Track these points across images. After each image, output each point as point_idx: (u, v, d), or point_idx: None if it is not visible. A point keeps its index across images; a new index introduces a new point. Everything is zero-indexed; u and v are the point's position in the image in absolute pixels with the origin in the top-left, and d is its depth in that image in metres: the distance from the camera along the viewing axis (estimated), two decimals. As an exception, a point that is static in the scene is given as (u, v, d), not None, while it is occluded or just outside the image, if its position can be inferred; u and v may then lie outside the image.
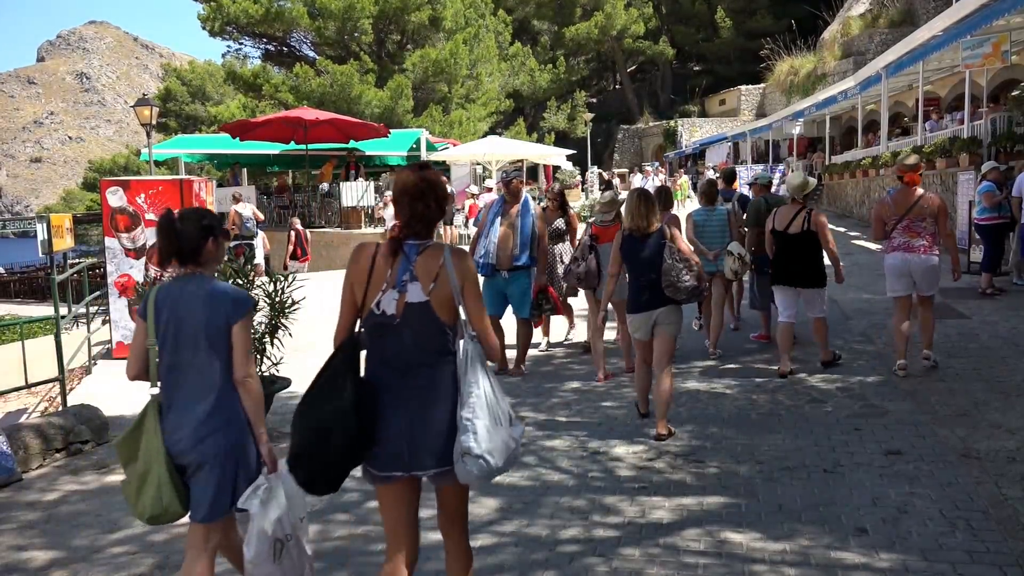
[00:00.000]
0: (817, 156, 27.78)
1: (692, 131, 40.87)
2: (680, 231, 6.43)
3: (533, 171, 30.85)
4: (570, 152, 27.07)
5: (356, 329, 2.75)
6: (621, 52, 46.47)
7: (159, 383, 3.09)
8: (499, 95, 37.11)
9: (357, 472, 4.88)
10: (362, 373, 2.72)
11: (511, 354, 7.45)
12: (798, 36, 35.57)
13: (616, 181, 26.43)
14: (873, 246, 14.36)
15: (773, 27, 39.13)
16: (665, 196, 7.25)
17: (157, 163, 22.33)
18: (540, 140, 37.71)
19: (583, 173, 34.05)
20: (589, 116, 36.51)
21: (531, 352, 7.91)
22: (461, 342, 2.67)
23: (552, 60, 43.88)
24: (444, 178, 3.99)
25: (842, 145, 27.97)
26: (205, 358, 2.96)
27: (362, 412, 2.63)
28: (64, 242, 7.18)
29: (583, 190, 34.14)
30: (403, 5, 31.12)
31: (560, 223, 7.94)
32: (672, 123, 42.21)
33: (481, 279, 6.64)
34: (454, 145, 24.65)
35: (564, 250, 7.90)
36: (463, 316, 2.70)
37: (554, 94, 43.60)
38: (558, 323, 8.79)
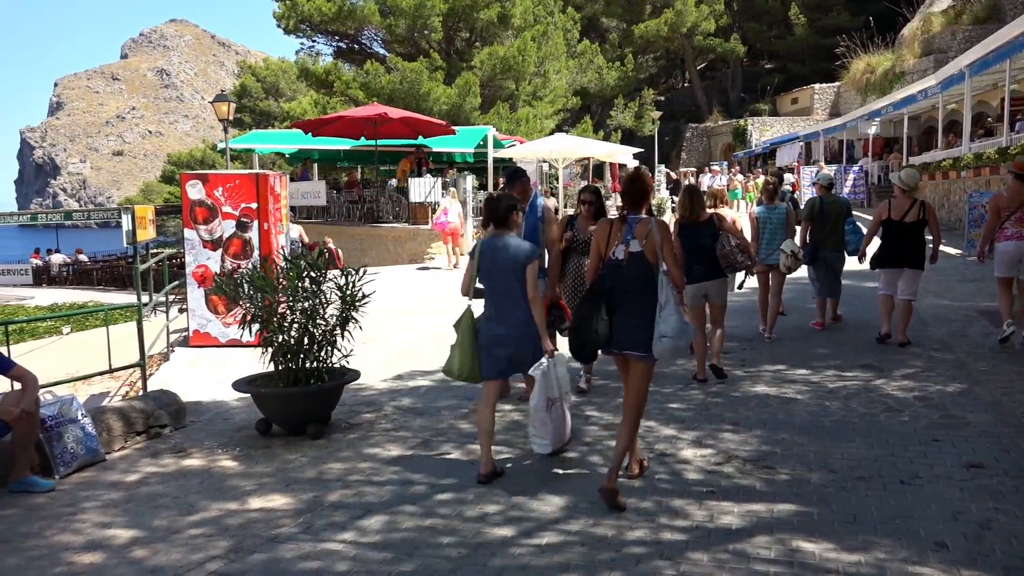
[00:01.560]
0: (893, 157, 26.93)
1: (762, 130, 40.07)
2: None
3: (599, 169, 30.68)
4: (637, 150, 26.83)
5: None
6: (691, 49, 45.81)
7: (481, 299, 4.90)
8: (566, 92, 36.99)
9: (426, 466, 4.94)
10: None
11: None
12: (875, 33, 34.51)
13: (687, 181, 26.09)
14: (953, 250, 13.85)
15: (849, 24, 38.05)
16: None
17: (232, 157, 22.91)
18: (607, 138, 37.47)
19: (650, 172, 33.71)
20: (657, 114, 36.03)
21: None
22: (661, 274, 4.33)
23: (620, 58, 43.53)
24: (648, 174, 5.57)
25: (920, 146, 27.07)
26: (511, 284, 4.74)
27: (607, 315, 4.35)
28: (147, 233, 7.44)
29: (649, 189, 33.78)
30: (472, 3, 31.27)
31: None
32: (742, 122, 41.43)
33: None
34: (521, 142, 24.68)
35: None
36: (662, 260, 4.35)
37: (621, 92, 43.24)
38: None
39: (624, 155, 26.60)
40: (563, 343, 5.17)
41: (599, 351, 4.51)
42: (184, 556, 3.90)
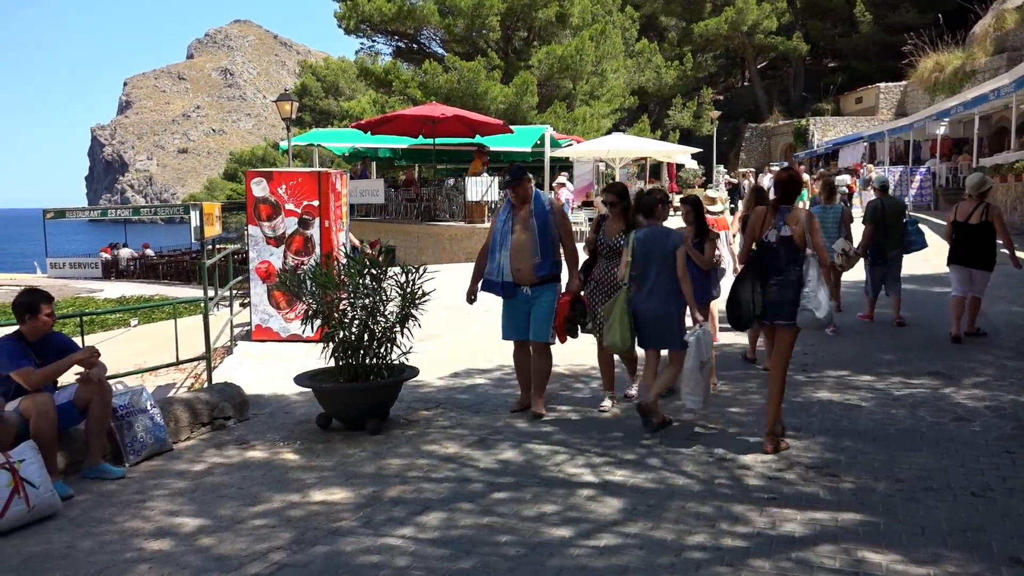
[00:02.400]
0: (963, 158, 26.09)
1: (825, 130, 39.24)
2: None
3: (656, 169, 30.42)
4: (695, 150, 26.54)
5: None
6: (751, 48, 45.10)
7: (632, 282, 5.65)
8: (624, 92, 36.77)
9: (483, 464, 4.96)
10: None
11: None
12: (945, 31, 33.49)
13: (746, 182, 25.66)
14: (1026, 256, 13.37)
15: (917, 21, 37.00)
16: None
17: (293, 155, 23.35)
18: (664, 138, 37.11)
19: (708, 172, 33.32)
20: (716, 114, 35.61)
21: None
22: (809, 256, 5.02)
23: (679, 56, 43.07)
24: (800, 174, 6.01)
25: (991, 147, 26.17)
26: (662, 266, 5.52)
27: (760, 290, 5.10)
28: (214, 229, 7.64)
29: (706, 189, 33.40)
30: (531, 2, 31.31)
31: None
32: (803, 121, 40.64)
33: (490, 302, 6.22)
34: (577, 142, 24.62)
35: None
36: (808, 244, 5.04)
37: (680, 91, 42.80)
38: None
39: (682, 155, 26.34)
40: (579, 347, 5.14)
41: (749, 325, 5.53)
42: (249, 546, 3.99)
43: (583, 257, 6.24)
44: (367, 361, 5.96)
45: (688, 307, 5.61)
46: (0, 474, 4.35)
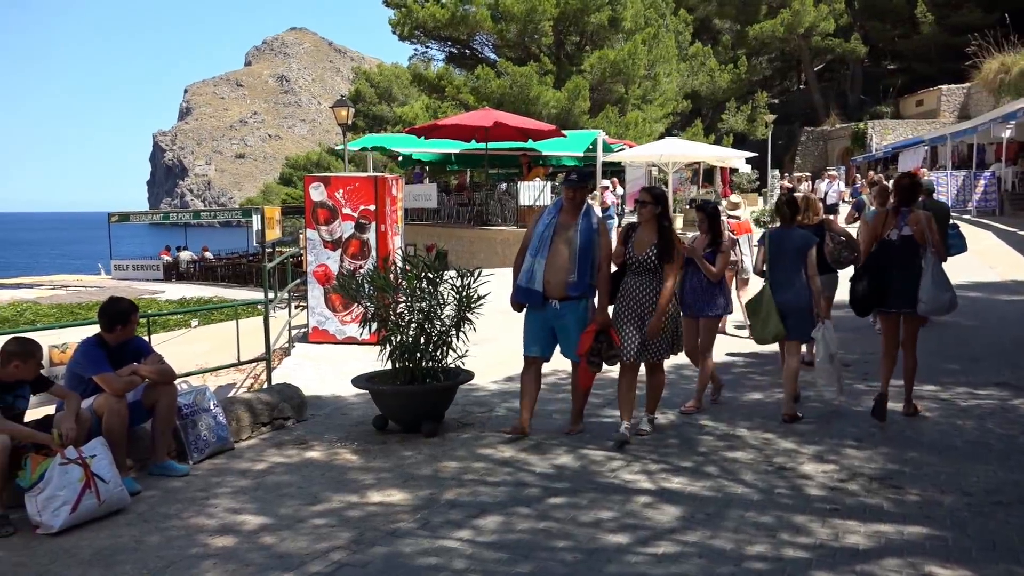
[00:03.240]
0: (1030, 162, 25.27)
1: (884, 133, 38.36)
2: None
3: (709, 173, 30.09)
4: (750, 155, 26.18)
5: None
6: (808, 50, 44.36)
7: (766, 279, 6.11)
8: (676, 96, 36.48)
9: (539, 468, 4.97)
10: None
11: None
12: (1011, 31, 32.47)
13: (804, 186, 25.25)
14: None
15: (981, 21, 35.92)
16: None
17: (344, 159, 23.67)
18: (718, 142, 36.68)
19: (762, 176, 32.85)
20: (770, 117, 35.03)
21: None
22: (928, 253, 5.63)
23: (733, 60, 42.57)
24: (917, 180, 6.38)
25: (1061, 150, 25.27)
26: (796, 264, 5.94)
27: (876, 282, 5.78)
28: (274, 232, 7.81)
29: (760, 194, 32.91)
30: (583, 7, 31.28)
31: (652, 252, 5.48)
32: (862, 125, 39.80)
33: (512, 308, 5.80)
34: (630, 146, 24.50)
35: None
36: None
37: (734, 95, 42.29)
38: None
39: (736, 159, 26.01)
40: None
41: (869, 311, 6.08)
42: (309, 544, 4.06)
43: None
44: (423, 364, 6.02)
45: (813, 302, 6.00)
46: (73, 469, 4.49)
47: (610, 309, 5.58)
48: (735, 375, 7.55)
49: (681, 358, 6.30)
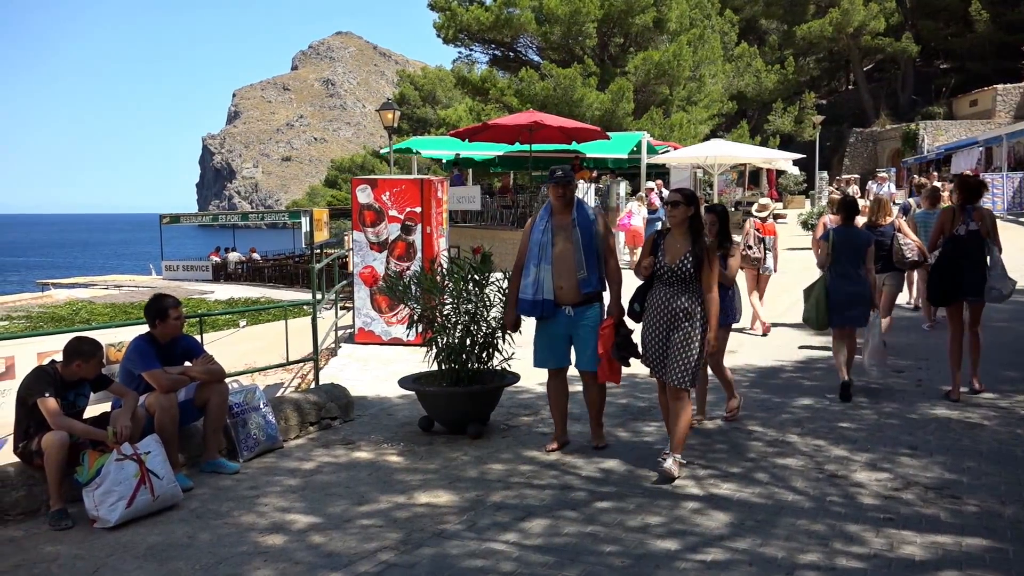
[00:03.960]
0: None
1: (936, 135, 37.47)
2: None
3: (755, 175, 29.72)
4: (797, 156, 25.77)
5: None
6: (857, 50, 43.55)
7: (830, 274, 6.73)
8: (722, 97, 36.09)
9: (585, 472, 4.94)
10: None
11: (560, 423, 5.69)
12: (1072, 28, 31.51)
13: (853, 189, 24.77)
14: None
15: (1040, 19, 34.98)
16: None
17: (390, 162, 23.86)
18: (764, 143, 36.17)
19: (809, 179, 32.33)
20: (818, 119, 34.44)
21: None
22: (991, 246, 6.31)
23: (780, 60, 41.98)
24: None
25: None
26: (857, 260, 6.60)
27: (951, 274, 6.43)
28: (322, 234, 7.89)
29: (807, 196, 32.39)
30: (628, 8, 31.12)
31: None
32: (913, 126, 38.92)
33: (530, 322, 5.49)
34: (674, 148, 24.29)
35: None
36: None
37: (780, 96, 41.70)
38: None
39: (783, 161, 25.64)
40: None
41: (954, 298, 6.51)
42: (358, 544, 4.09)
43: (631, 282, 5.19)
44: (469, 366, 6.03)
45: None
46: (129, 465, 4.59)
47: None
48: (783, 380, 7.44)
49: None
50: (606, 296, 5.40)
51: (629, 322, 5.25)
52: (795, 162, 27.53)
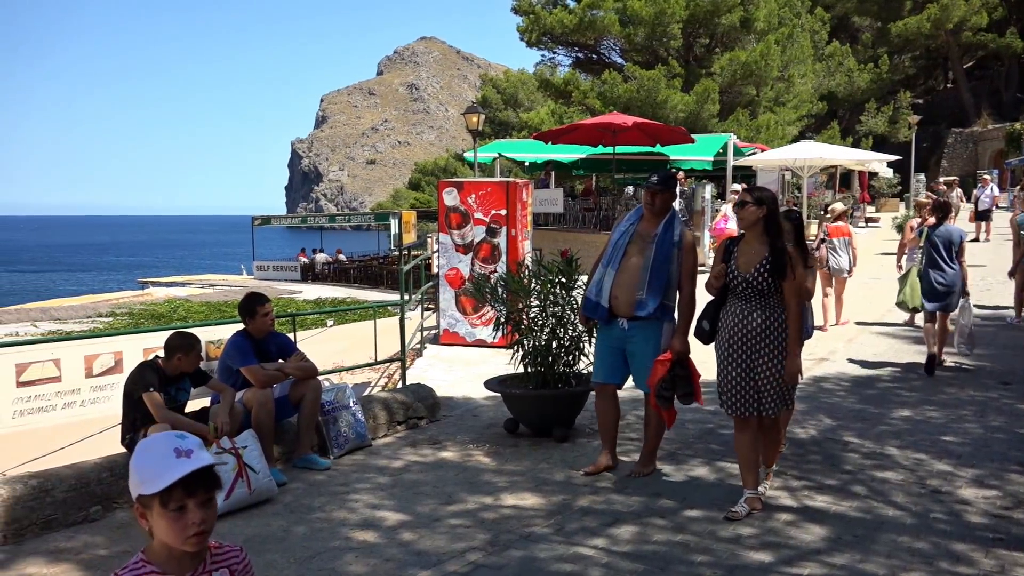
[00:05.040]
0: None
1: (1043, 134, 35.53)
2: None
3: (846, 178, 28.79)
4: (892, 158, 24.85)
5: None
6: (957, 47, 41.70)
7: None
8: (812, 97, 35.09)
9: (674, 479, 4.87)
10: None
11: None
12: None
13: (957, 192, 23.72)
14: None
15: None
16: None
17: (474, 165, 24.07)
18: (856, 145, 35.00)
19: (904, 181, 31.13)
20: (914, 119, 33.12)
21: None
22: None
23: (873, 59, 40.54)
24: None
25: None
26: (950, 252, 7.51)
27: None
28: (410, 236, 8.00)
29: (902, 199, 31.17)
30: (714, 8, 30.60)
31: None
32: (1018, 125, 36.98)
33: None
34: (762, 150, 23.74)
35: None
36: None
37: (873, 95, 40.26)
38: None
39: (877, 163, 24.76)
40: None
41: None
42: (447, 544, 4.12)
43: (703, 297, 4.67)
44: (556, 369, 6.01)
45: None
46: (227, 458, 4.75)
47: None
48: (880, 390, 7.17)
49: None
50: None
51: (695, 344, 4.67)
52: (889, 164, 26.55)
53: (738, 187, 19.59)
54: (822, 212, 24.22)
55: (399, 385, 7.69)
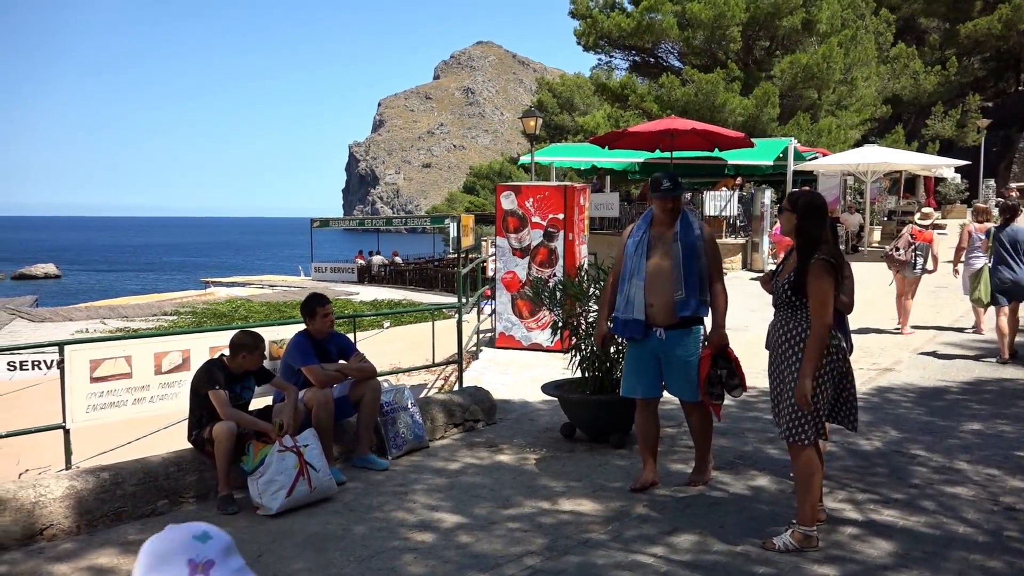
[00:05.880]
0: None
1: (1123, 139, 34.10)
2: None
3: (911, 183, 28.05)
4: (961, 163, 24.10)
5: None
6: (1030, 48, 40.28)
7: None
8: (875, 101, 34.26)
9: (733, 488, 4.78)
10: None
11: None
12: None
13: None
14: None
15: None
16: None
17: (527, 169, 24.09)
18: (921, 149, 34.05)
19: (972, 187, 30.19)
20: (984, 122, 32.07)
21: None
22: None
23: (941, 61, 39.37)
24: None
25: None
26: (1017, 254, 8.15)
27: None
28: (468, 239, 8.04)
29: (969, 205, 30.19)
30: (775, 10, 30.08)
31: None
32: (1094, 130, 35.59)
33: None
34: (824, 154, 23.27)
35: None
36: None
37: (941, 98, 39.08)
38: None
39: (944, 168, 24.05)
40: None
41: None
42: (504, 547, 4.12)
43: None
44: (614, 375, 5.98)
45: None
46: (289, 456, 4.83)
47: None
48: (948, 402, 6.95)
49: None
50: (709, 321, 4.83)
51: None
52: (957, 169, 25.76)
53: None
54: (884, 218, 23.69)
55: (455, 387, 7.73)
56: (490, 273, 13.28)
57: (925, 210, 10.75)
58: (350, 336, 6.52)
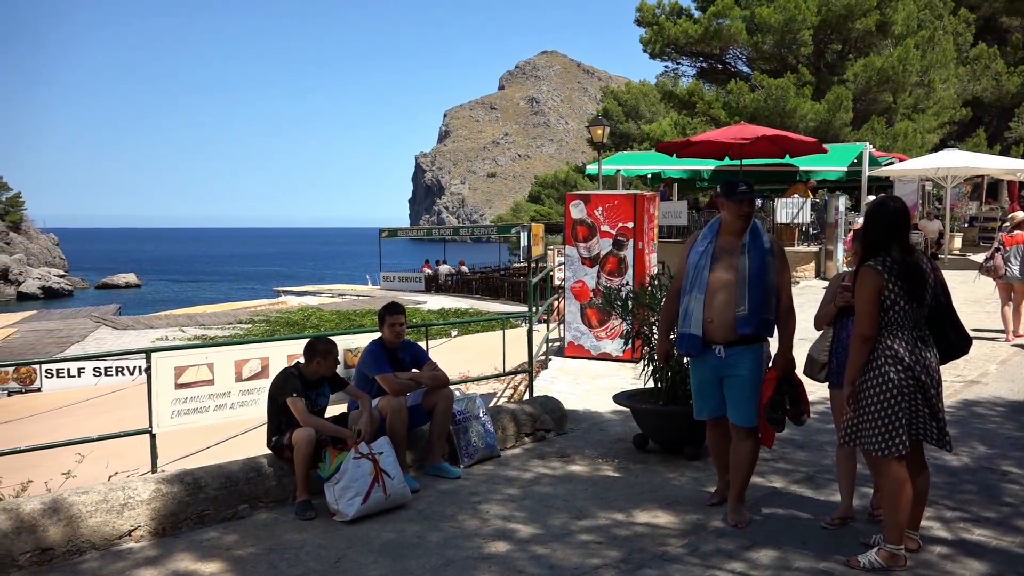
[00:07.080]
0: None
1: None
2: None
3: (993, 188, 27.00)
4: (1047, 167, 23.06)
5: None
6: (1122, 46, 38.37)
7: None
8: (954, 103, 33.10)
9: (816, 501, 4.64)
10: None
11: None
12: None
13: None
14: None
15: None
16: None
17: (593, 178, 24.02)
18: (1005, 153, 32.79)
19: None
20: (1072, 124, 30.73)
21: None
22: None
23: (1024, 61, 37.87)
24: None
25: None
26: None
27: None
28: (538, 249, 8.03)
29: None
30: (848, 12, 29.38)
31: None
32: None
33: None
34: (900, 159, 22.58)
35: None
36: None
37: (1024, 100, 37.59)
38: None
39: (1030, 172, 23.03)
40: None
41: None
42: (580, 559, 4.09)
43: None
44: (687, 385, 5.88)
45: None
46: (364, 463, 4.90)
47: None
48: (987, 419, 6.63)
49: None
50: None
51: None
52: (1043, 173, 24.66)
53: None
54: (965, 224, 22.84)
55: (525, 396, 7.73)
56: (556, 282, 13.27)
57: (1019, 215, 10.43)
58: (421, 344, 6.59)
